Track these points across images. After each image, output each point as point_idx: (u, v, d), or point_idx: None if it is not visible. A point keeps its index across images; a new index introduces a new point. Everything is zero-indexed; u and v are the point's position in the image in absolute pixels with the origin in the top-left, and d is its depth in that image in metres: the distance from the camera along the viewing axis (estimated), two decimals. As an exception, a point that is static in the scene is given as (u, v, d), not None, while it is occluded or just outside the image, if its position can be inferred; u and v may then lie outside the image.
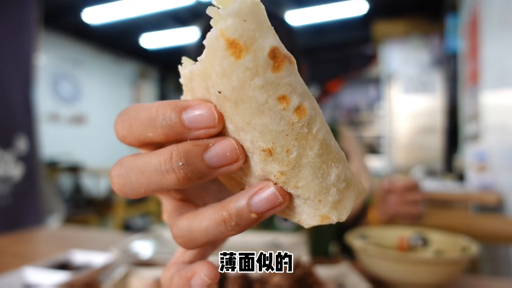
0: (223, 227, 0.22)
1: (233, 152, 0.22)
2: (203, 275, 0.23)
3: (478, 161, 1.87)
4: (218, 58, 0.18)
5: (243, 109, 0.20)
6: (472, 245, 0.57)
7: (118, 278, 0.47)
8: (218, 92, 0.20)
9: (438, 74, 3.33)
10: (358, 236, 0.65)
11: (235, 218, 0.22)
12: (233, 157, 0.22)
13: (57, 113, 4.87)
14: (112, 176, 0.24)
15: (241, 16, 0.18)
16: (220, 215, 0.22)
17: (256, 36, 0.18)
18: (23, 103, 2.03)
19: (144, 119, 0.22)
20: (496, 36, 1.75)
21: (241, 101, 0.19)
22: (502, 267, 1.70)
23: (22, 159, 1.99)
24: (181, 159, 0.21)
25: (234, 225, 0.22)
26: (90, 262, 0.55)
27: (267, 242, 0.76)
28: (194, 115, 0.21)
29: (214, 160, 0.21)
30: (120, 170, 0.23)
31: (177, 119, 0.21)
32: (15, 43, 1.98)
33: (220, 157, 0.21)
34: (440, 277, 0.51)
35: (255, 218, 0.22)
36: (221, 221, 0.22)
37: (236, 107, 0.20)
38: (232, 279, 0.46)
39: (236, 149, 0.22)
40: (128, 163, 0.23)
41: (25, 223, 1.97)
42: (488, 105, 1.92)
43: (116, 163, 0.24)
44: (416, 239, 0.65)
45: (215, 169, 0.22)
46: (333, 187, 0.22)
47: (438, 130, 3.32)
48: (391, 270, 0.52)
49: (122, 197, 3.20)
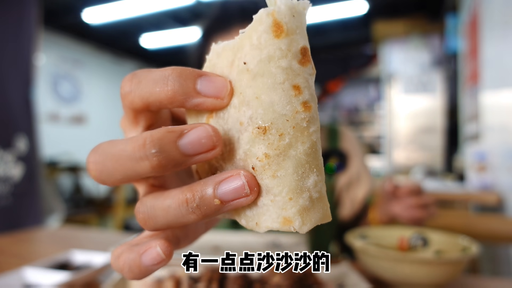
0: (184, 208, 0.22)
1: (208, 139, 0.21)
2: (159, 248, 0.22)
3: (478, 161, 1.87)
4: (259, 31, 0.21)
5: (259, 83, 0.21)
6: (472, 245, 0.57)
7: (117, 278, 0.47)
8: (243, 63, 0.22)
9: (438, 74, 3.33)
10: (358, 236, 0.65)
11: (198, 200, 0.21)
12: (209, 144, 0.21)
13: (57, 113, 4.87)
14: (89, 163, 0.23)
15: (292, 10, 0.21)
16: (183, 196, 0.22)
17: (296, 31, 0.21)
18: (23, 103, 2.03)
19: (157, 76, 0.22)
20: (496, 36, 1.75)
21: (260, 75, 0.21)
22: (502, 267, 1.70)
23: (22, 159, 1.99)
24: (154, 146, 0.20)
25: (195, 207, 0.21)
26: (90, 262, 0.54)
27: (267, 242, 0.76)
28: (209, 82, 0.22)
29: (189, 148, 0.21)
30: (96, 157, 0.23)
31: (190, 81, 0.22)
32: (15, 43, 1.98)
33: (194, 144, 0.21)
34: (440, 277, 0.51)
35: (218, 205, 0.21)
36: (184, 201, 0.22)
37: (253, 79, 0.21)
38: (232, 279, 0.46)
39: (211, 136, 0.21)
40: (104, 150, 0.23)
41: (25, 223, 1.97)
42: (488, 105, 1.92)
43: (93, 150, 0.24)
44: (416, 239, 0.65)
45: (191, 157, 0.21)
46: (307, 191, 0.22)
47: (438, 130, 3.32)
48: (391, 270, 0.52)
49: (119, 197, 3.17)
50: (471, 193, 1.72)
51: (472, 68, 2.28)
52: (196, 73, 0.22)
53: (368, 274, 0.58)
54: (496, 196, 1.64)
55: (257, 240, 0.77)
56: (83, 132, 5.26)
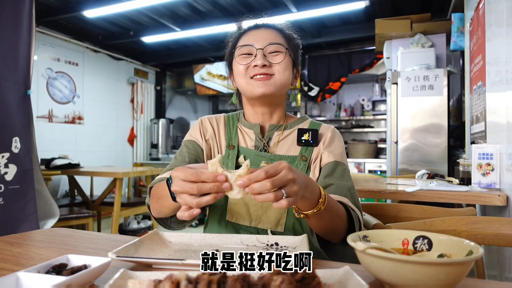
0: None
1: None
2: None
3: (484, 162, 1.84)
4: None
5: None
6: (478, 248, 0.56)
7: (114, 281, 0.46)
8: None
9: (443, 73, 3.30)
10: (359, 238, 0.64)
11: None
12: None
13: (53, 113, 4.87)
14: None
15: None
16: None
17: None
18: (18, 104, 2.01)
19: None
20: (503, 35, 1.73)
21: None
22: (508, 270, 1.67)
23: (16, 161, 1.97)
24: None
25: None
26: (86, 265, 0.54)
27: (267, 243, 0.75)
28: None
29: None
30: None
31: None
32: (11, 43, 1.97)
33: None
34: (445, 280, 0.50)
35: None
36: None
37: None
38: (232, 280, 0.45)
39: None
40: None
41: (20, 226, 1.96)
42: (494, 105, 1.89)
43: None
44: (420, 242, 0.63)
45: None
46: None
47: (442, 130, 3.29)
48: (394, 272, 0.51)
49: (119, 199, 3.18)
50: (476, 195, 1.70)
51: (478, 68, 2.26)
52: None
53: (370, 276, 0.57)
54: (503, 198, 1.62)
55: (257, 240, 0.76)
56: (79, 132, 5.25)
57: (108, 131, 5.80)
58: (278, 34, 1.01)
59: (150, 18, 4.65)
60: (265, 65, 0.94)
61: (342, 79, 5.66)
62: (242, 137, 1.05)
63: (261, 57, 0.95)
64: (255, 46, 0.96)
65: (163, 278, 0.45)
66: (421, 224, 1.01)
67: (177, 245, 0.75)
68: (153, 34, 5.07)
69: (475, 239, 0.98)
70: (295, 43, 1.05)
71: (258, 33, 1.00)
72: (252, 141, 1.04)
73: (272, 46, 0.97)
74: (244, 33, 1.03)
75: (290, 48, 1.02)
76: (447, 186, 1.92)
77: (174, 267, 0.59)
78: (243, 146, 1.04)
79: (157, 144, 6.46)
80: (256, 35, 1.00)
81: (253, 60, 0.96)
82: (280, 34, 1.02)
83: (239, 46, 1.00)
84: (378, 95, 6.03)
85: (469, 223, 1.01)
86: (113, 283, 0.45)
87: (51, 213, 2.31)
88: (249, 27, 1.04)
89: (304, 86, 5.81)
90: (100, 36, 5.38)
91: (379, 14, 4.48)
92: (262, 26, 1.03)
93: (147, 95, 6.57)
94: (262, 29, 1.01)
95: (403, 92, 3.38)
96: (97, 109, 5.58)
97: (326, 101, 6.34)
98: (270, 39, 0.98)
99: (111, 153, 5.83)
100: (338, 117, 6.30)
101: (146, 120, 6.55)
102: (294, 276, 0.45)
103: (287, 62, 0.98)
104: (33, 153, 2.19)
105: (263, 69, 0.94)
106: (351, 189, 0.92)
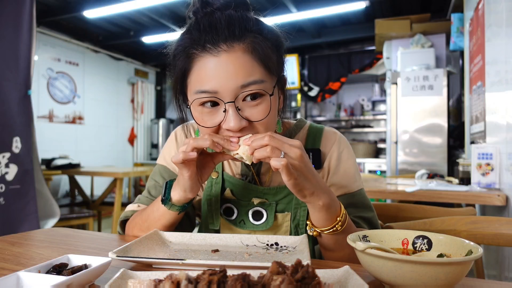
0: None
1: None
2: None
3: (484, 162, 1.84)
4: None
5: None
6: (477, 248, 0.56)
7: (114, 281, 0.46)
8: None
9: (442, 73, 3.30)
10: (359, 238, 0.64)
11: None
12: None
13: (54, 113, 4.87)
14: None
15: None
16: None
17: None
18: (19, 104, 2.01)
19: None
20: (502, 35, 1.73)
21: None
22: (507, 269, 1.67)
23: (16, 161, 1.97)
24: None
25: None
26: (86, 265, 0.54)
27: (267, 243, 0.76)
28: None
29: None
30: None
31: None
32: (11, 43, 1.97)
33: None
34: (444, 280, 0.50)
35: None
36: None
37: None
38: (232, 280, 0.45)
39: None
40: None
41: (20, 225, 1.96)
42: (494, 105, 1.89)
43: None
44: (420, 242, 0.64)
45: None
46: None
47: (442, 130, 3.30)
48: (393, 272, 0.51)
49: (115, 199, 3.18)
50: (476, 194, 1.70)
51: (477, 68, 2.26)
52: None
53: (370, 277, 0.57)
54: (502, 197, 1.62)
55: (257, 240, 0.76)
56: (80, 132, 5.26)
57: (108, 131, 5.81)
58: (252, 59, 0.63)
59: (150, 18, 4.66)
60: (242, 128, 0.63)
61: (342, 79, 5.66)
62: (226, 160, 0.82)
63: (234, 117, 0.62)
64: (221, 98, 0.62)
65: (163, 278, 0.45)
66: (420, 224, 1.01)
67: (177, 245, 0.75)
68: (153, 34, 5.07)
69: (474, 239, 0.98)
70: (278, 56, 0.69)
71: (221, 66, 0.61)
72: (237, 167, 0.83)
73: (248, 91, 0.62)
74: (196, 57, 0.64)
75: (274, 75, 0.67)
76: (446, 186, 1.93)
77: (174, 267, 0.59)
78: (228, 173, 0.83)
79: (157, 144, 6.48)
80: (219, 69, 0.61)
81: (223, 120, 0.64)
82: (255, 58, 0.63)
83: (196, 91, 0.64)
84: (378, 95, 6.03)
85: (469, 223, 1.01)
86: (113, 283, 0.45)
87: (52, 213, 2.31)
88: (204, 47, 0.62)
89: (304, 86, 5.81)
90: (100, 36, 5.38)
91: (379, 14, 4.48)
92: (224, 47, 0.61)
93: (147, 95, 6.58)
94: (225, 55, 0.61)
95: (403, 92, 3.38)
96: (98, 109, 5.59)
97: (326, 101, 6.34)
98: (242, 76, 0.61)
99: (112, 153, 5.84)
100: (338, 117, 6.30)
101: (146, 120, 6.56)
102: (294, 276, 0.46)
103: (273, 106, 0.66)
104: (34, 153, 2.19)
105: (239, 132, 0.64)
106: (370, 217, 0.80)
